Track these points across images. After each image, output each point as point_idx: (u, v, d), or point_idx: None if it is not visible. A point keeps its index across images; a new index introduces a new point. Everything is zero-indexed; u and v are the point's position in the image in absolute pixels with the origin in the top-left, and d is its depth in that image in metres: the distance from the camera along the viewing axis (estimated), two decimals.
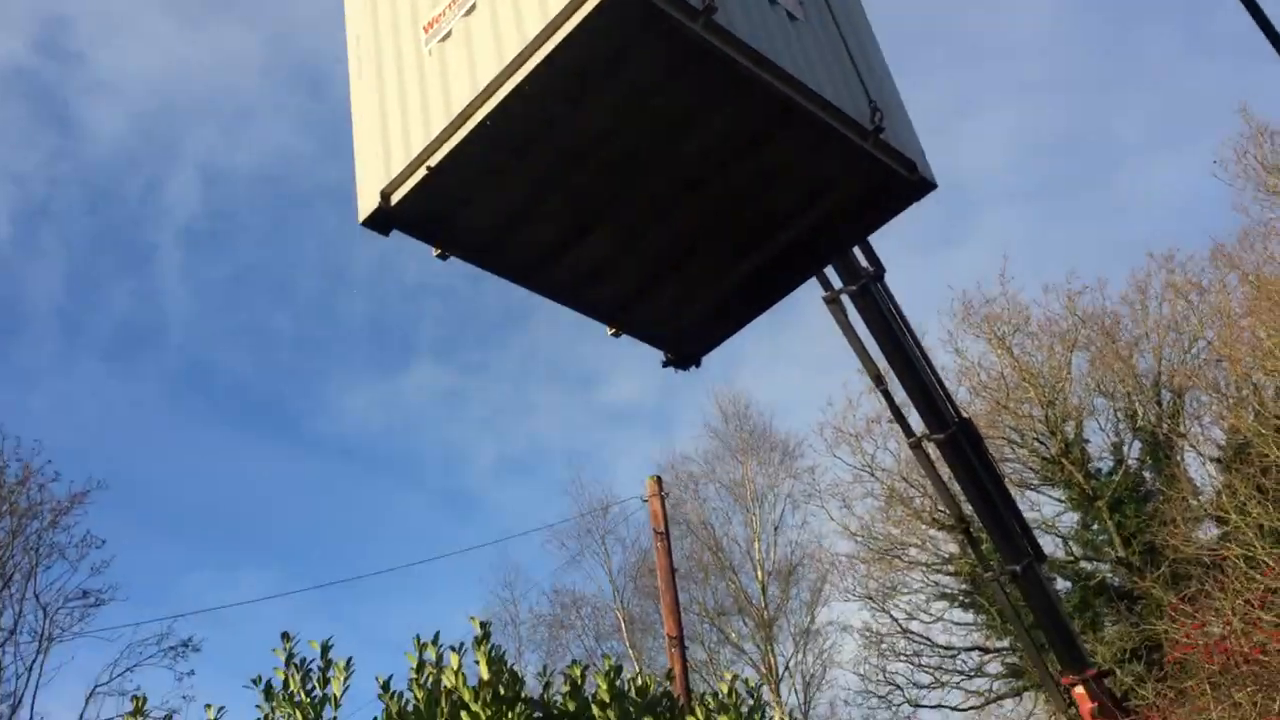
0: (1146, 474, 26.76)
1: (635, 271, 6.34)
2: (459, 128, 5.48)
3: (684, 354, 6.80)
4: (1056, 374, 27.47)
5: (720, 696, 7.31)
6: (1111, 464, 27.06)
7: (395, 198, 5.73)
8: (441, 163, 5.53)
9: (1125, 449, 27.06)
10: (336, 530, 50.27)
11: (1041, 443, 27.10)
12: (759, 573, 29.50)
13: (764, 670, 27.85)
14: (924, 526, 27.01)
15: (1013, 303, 27.80)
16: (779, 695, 27.45)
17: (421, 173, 5.63)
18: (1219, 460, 25.20)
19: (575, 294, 6.44)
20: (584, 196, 5.87)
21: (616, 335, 6.63)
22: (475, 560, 61.34)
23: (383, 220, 5.79)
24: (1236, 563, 21.66)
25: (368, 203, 5.78)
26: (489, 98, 5.36)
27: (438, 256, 6.11)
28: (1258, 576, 20.90)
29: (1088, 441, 27.35)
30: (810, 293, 12.73)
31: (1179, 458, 26.05)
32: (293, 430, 50.64)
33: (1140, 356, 27.26)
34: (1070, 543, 27.11)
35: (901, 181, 5.83)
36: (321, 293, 49.74)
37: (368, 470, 52.01)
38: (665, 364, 6.83)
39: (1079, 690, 15.77)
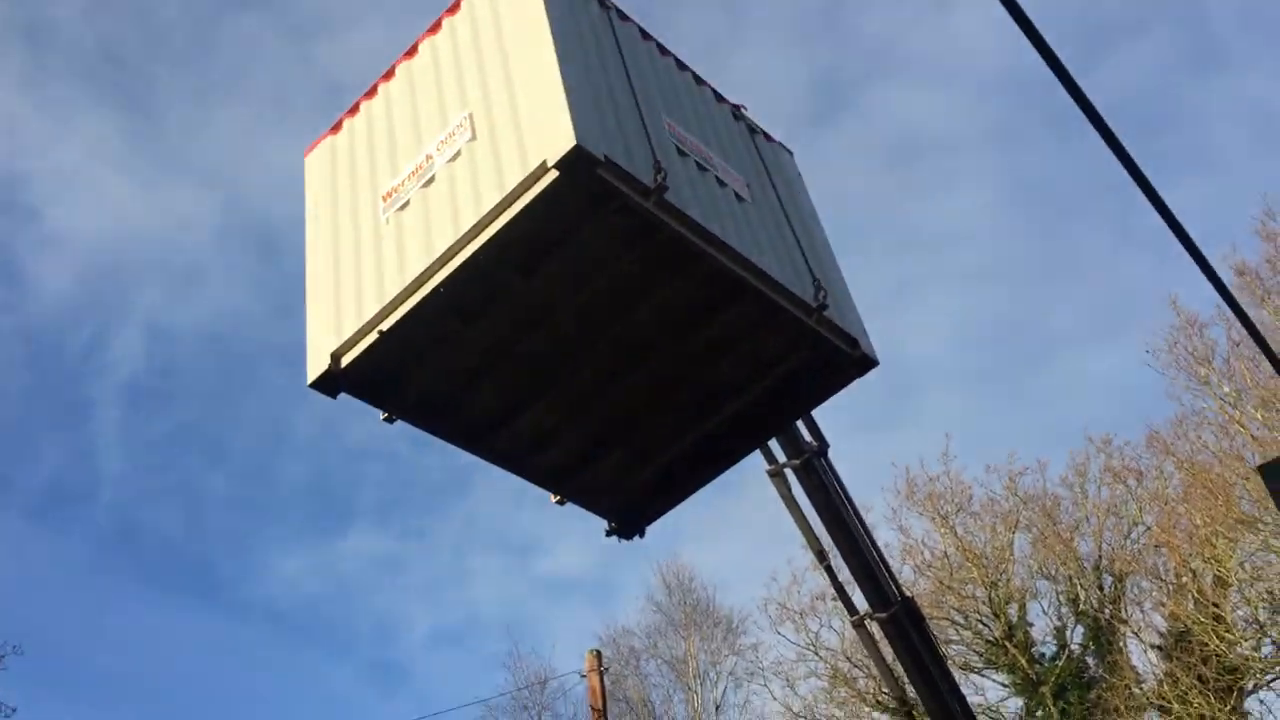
0: (1089, 659, 26.61)
1: (580, 439, 6.37)
2: (412, 293, 5.58)
3: (627, 524, 6.78)
4: (999, 554, 27.56)
5: None
6: (1055, 648, 26.91)
7: (345, 360, 5.76)
8: (393, 327, 5.60)
9: (1068, 633, 26.97)
10: (257, 704, 48.13)
11: (985, 624, 26.96)
12: None
13: None
14: (868, 709, 26.48)
15: (955, 482, 28.08)
16: None
17: (373, 336, 5.68)
18: (1160, 648, 25.18)
19: (520, 461, 6.45)
20: (532, 364, 5.94)
21: (560, 503, 6.61)
22: None
23: (331, 382, 5.81)
24: None
25: (317, 364, 5.80)
26: (443, 265, 5.47)
27: (385, 420, 6.11)
28: None
29: (1031, 625, 27.25)
30: (754, 466, 12.79)
31: (1121, 644, 26.00)
32: (220, 595, 48.99)
33: (1081, 539, 27.48)
34: None
35: (844, 358, 5.98)
36: (261, 454, 48.96)
37: (296, 639, 50.23)
38: (609, 533, 6.79)
39: None
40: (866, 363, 6.01)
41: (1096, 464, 27.50)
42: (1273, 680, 22.97)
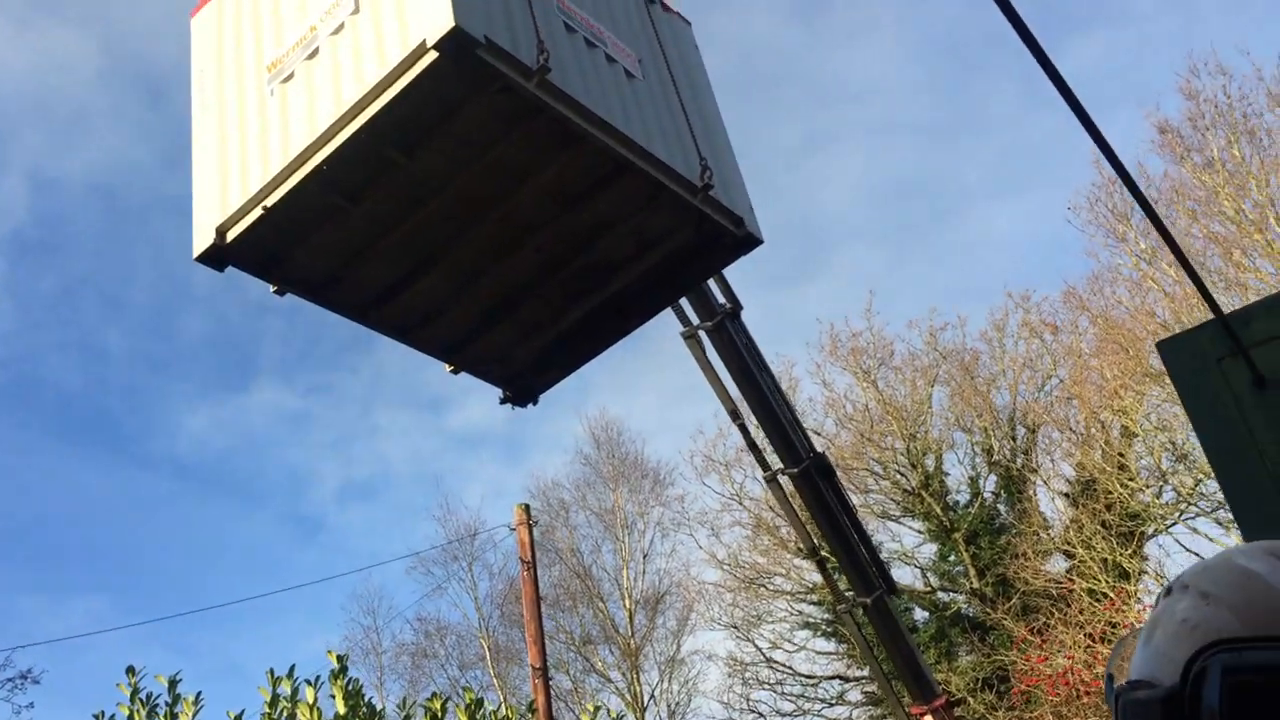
0: (1001, 507, 27.77)
1: (470, 313, 6.46)
2: (296, 169, 5.54)
3: (520, 392, 6.94)
4: (918, 408, 28.37)
5: None
6: (969, 497, 28.02)
7: (231, 235, 5.75)
8: (277, 204, 5.57)
9: (981, 482, 28.04)
10: (173, 556, 48.53)
11: (903, 475, 27.92)
12: (627, 600, 29.65)
13: (629, 699, 27.97)
14: (789, 556, 27.53)
15: (877, 337, 28.67)
16: None
17: (257, 212, 5.66)
18: (1067, 495, 26.31)
19: (410, 333, 6.54)
20: (419, 239, 5.98)
21: (455, 372, 6.74)
22: (326, 587, 59.89)
23: (217, 257, 5.80)
24: (1081, 596, 22.65)
25: (203, 239, 5.78)
26: (327, 142, 5.43)
27: (275, 293, 6.15)
28: (1099, 610, 21.88)
29: (947, 475, 28.27)
30: (667, 325, 13.04)
31: (1031, 492, 27.12)
32: (126, 449, 48.59)
33: (997, 393, 28.32)
34: (928, 574, 27.95)
35: (729, 236, 6.08)
36: (158, 309, 48.03)
37: (206, 493, 50.41)
38: (503, 401, 6.96)
39: (927, 719, 16.33)
40: (751, 241, 6.12)
41: (1015, 319, 28.22)
42: (1171, 525, 24.20)
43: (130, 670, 6.86)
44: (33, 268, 44.79)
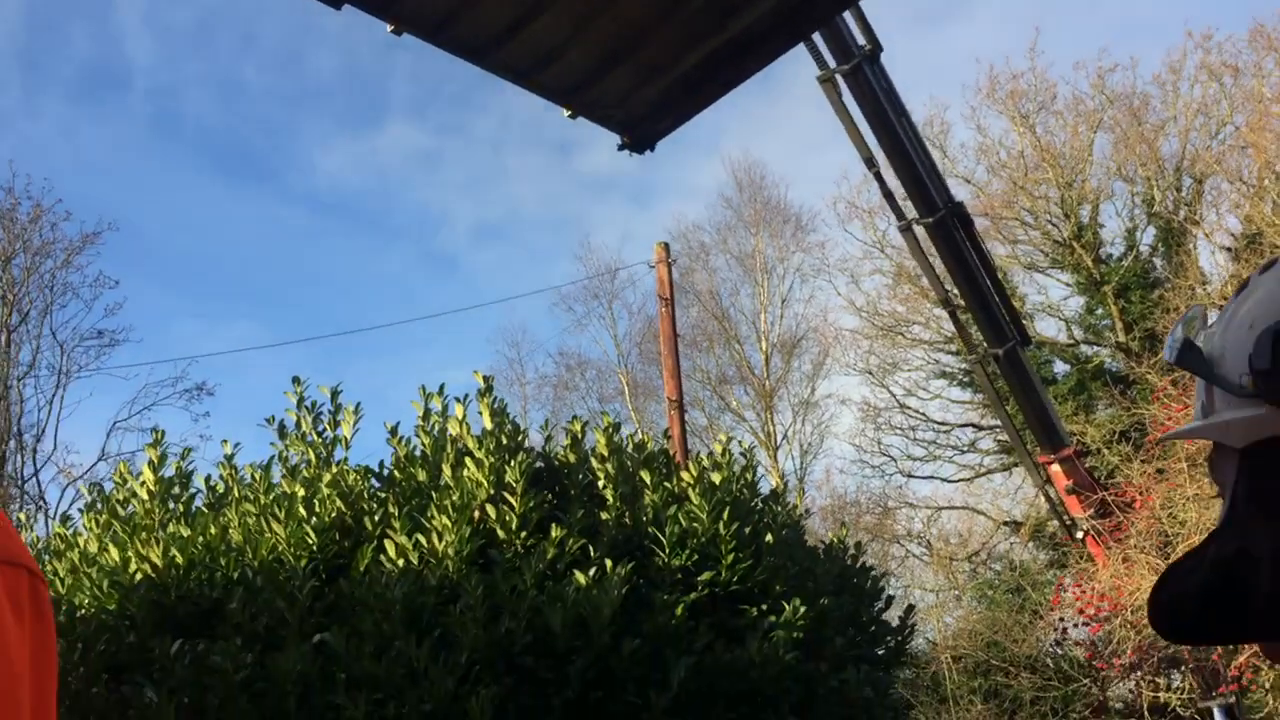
0: (1157, 261, 26.74)
1: (588, 55, 6.36)
2: None
3: (639, 138, 6.91)
4: (1078, 155, 27.05)
5: (715, 456, 7.80)
6: (1123, 249, 27.03)
7: None
8: None
9: (1139, 235, 26.95)
10: (319, 287, 50.88)
11: (1055, 225, 26.99)
12: (763, 343, 30.11)
13: (763, 437, 28.89)
14: (929, 305, 27.28)
15: (1040, 79, 27.09)
16: (777, 462, 28.58)
17: None
18: (1230, 250, 25.11)
19: (528, 75, 6.50)
20: None
21: (573, 117, 6.73)
22: (466, 321, 62.31)
23: None
24: None
25: None
26: None
27: (392, 32, 6.18)
28: None
29: (1102, 226, 27.22)
30: (802, 65, 12.64)
31: (1191, 246, 25.96)
32: (271, 182, 50.27)
33: (1166, 141, 26.72)
34: (1073, 326, 27.44)
35: None
36: (290, 45, 48.20)
37: (344, 228, 52.10)
38: (620, 148, 6.93)
39: (1055, 468, 16.52)
40: None
41: (1193, 61, 26.21)
42: None
43: (296, 380, 7.34)
44: (167, 1, 45.40)
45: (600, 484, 7.13)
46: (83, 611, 6.43)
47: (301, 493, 6.57)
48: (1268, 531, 1.05)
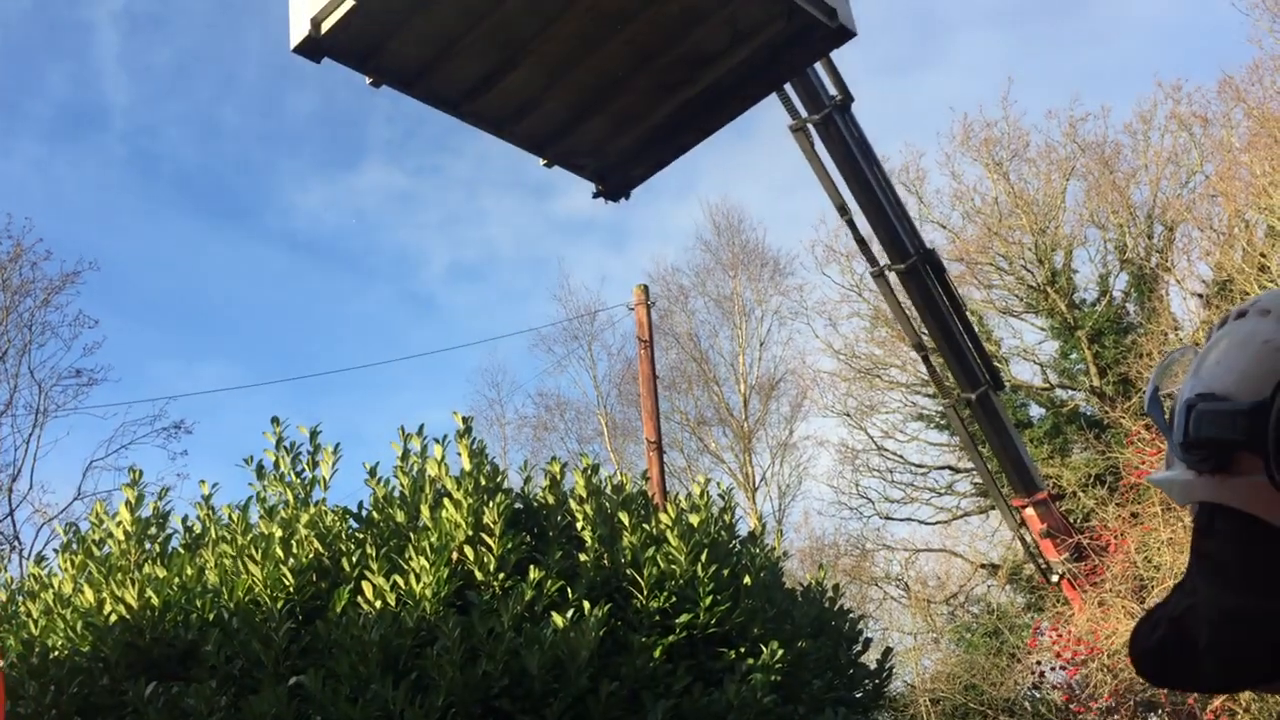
0: (1130, 307, 27.05)
1: (562, 106, 6.49)
2: None
3: (613, 187, 7.03)
4: (1051, 202, 27.43)
5: (693, 497, 7.83)
6: (1096, 295, 27.34)
7: (325, 25, 5.85)
8: None
9: (1111, 280, 27.27)
10: (296, 327, 50.84)
11: (1029, 270, 27.30)
12: (742, 385, 30.24)
13: (741, 479, 28.92)
14: (906, 349, 27.46)
15: (1013, 127, 27.53)
16: (755, 503, 28.63)
17: (350, 2, 5.74)
18: (1202, 296, 25.44)
19: (504, 127, 6.62)
20: (509, 29, 5.99)
21: (548, 165, 6.85)
22: (444, 361, 62.48)
23: (314, 48, 5.93)
24: None
25: (299, 30, 5.90)
26: None
27: (370, 84, 6.28)
28: None
29: (1075, 271, 27.53)
30: (776, 112, 12.82)
31: (1163, 292, 26.28)
32: (249, 222, 50.29)
33: (1137, 189, 27.14)
34: (1048, 370, 27.66)
35: (822, 29, 5.94)
36: (267, 86, 48.39)
37: (321, 269, 52.15)
38: (595, 195, 7.06)
39: (1029, 512, 16.61)
40: (844, 34, 5.95)
41: (1163, 111, 26.69)
42: None
43: (275, 420, 7.36)
44: (146, 42, 45.52)
45: (579, 525, 7.16)
46: (56, 653, 6.38)
47: (279, 534, 6.57)
48: (1206, 595, 1.10)
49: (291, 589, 6.32)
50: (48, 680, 6.15)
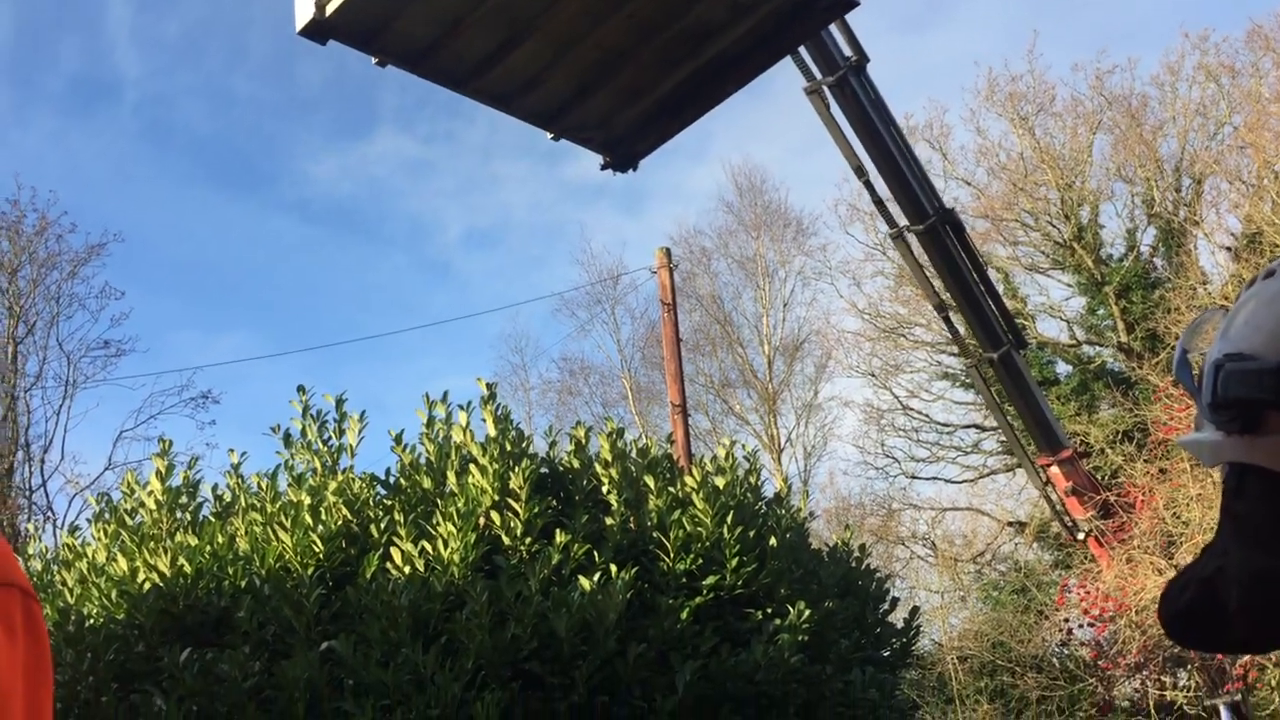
0: (1158, 261, 26.78)
1: (568, 80, 6.45)
2: None
3: (621, 159, 7.00)
4: (1077, 156, 27.11)
5: (718, 460, 7.85)
6: (1123, 250, 27.07)
7: (330, 8, 5.85)
8: None
9: (1139, 235, 26.99)
10: (315, 295, 50.91)
11: (1055, 226, 27.03)
12: (766, 347, 30.17)
13: (766, 440, 28.93)
14: (930, 308, 27.33)
15: (1039, 81, 27.15)
16: (780, 465, 28.62)
17: None
18: (1230, 249, 25.14)
19: (511, 102, 6.59)
20: (515, 6, 5.95)
21: (555, 139, 6.83)
22: (464, 328, 62.41)
23: (319, 30, 5.93)
24: None
25: (304, 12, 5.90)
26: None
27: (376, 64, 6.28)
28: None
29: (1102, 227, 27.25)
30: (792, 73, 12.71)
31: (1192, 246, 26.00)
32: (264, 192, 50.15)
33: (1164, 141, 26.78)
34: (1074, 327, 27.47)
35: None
36: (278, 55, 48.16)
37: (337, 237, 52.16)
38: (603, 167, 7.04)
39: (1054, 470, 16.55)
40: (847, 3, 5.92)
41: (1190, 62, 26.27)
42: None
43: (301, 388, 7.39)
44: (156, 13, 45.38)
45: (604, 489, 7.19)
46: (91, 621, 6.48)
47: (308, 501, 6.63)
48: (1237, 556, 1.10)
49: (321, 555, 6.39)
50: (84, 648, 6.26)
